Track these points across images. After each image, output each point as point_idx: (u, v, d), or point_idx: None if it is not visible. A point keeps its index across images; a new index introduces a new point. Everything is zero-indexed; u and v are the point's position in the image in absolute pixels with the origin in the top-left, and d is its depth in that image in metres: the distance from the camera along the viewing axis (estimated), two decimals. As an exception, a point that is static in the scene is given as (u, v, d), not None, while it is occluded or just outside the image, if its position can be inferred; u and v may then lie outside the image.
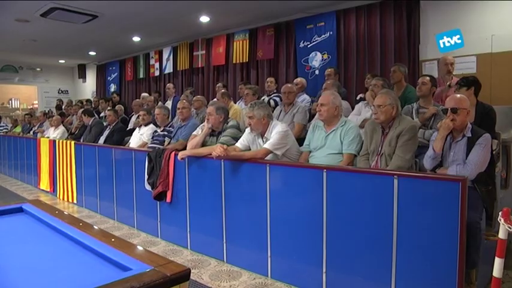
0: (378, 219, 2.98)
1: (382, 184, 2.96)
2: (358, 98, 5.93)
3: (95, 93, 13.55)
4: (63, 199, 7.38)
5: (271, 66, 8.28)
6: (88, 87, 14.39)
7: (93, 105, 10.25)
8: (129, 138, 6.49)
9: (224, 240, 4.17)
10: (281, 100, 5.75)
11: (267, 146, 3.87)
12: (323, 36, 7.39)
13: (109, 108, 7.88)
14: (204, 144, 4.60)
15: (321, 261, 3.32)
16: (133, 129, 6.78)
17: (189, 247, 4.61)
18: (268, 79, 6.79)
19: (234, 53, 8.77)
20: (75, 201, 7.05)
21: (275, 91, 6.56)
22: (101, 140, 6.81)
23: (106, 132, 6.86)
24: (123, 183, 5.72)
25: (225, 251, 4.18)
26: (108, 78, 13.08)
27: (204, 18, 8.04)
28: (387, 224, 2.91)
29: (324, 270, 3.31)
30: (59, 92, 14.92)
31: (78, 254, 1.92)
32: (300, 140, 4.48)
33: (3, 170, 10.73)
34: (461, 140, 3.29)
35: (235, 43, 8.72)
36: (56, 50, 11.86)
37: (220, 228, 4.17)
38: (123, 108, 8.78)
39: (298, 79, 6.50)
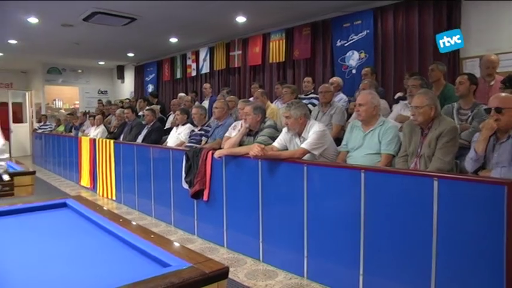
0: (417, 223, 2.91)
1: (421, 186, 2.89)
2: (396, 97, 5.83)
3: (133, 93, 13.82)
4: (103, 196, 7.57)
5: (308, 66, 8.24)
6: (126, 87, 14.69)
7: (130, 105, 10.44)
8: (167, 137, 6.60)
9: (260, 239, 4.17)
10: (319, 101, 5.71)
11: (304, 145, 3.84)
12: (360, 34, 7.29)
13: (147, 108, 8.02)
14: (241, 143, 4.62)
15: (358, 263, 3.28)
16: (170, 129, 6.88)
17: (225, 245, 4.64)
18: (305, 79, 6.75)
19: (270, 53, 8.76)
20: (114, 198, 7.21)
21: (312, 91, 6.52)
22: (139, 139, 6.93)
23: (144, 132, 6.98)
24: (160, 181, 5.82)
25: (261, 250, 4.18)
26: (146, 78, 13.31)
27: (241, 19, 8.07)
28: (427, 228, 2.83)
29: (361, 272, 3.26)
30: (98, 93, 15.32)
31: (118, 248, 1.96)
32: (338, 141, 4.44)
33: (48, 166, 11.14)
34: (507, 141, 3.14)
35: (271, 43, 8.72)
36: (97, 52, 12.21)
37: (257, 227, 4.18)
38: (160, 108, 8.92)
39: (334, 78, 6.44)
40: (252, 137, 4.63)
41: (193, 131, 5.92)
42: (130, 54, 12.56)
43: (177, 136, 6.17)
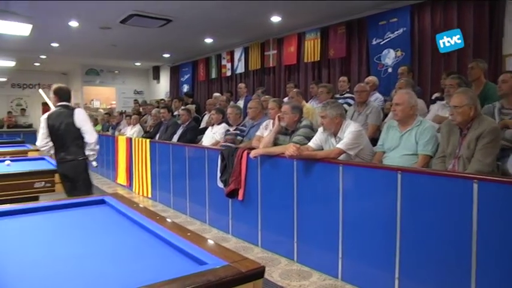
0: (455, 226, 2.84)
1: (460, 188, 2.81)
2: (433, 97, 5.70)
3: (168, 93, 14.02)
4: (139, 193, 7.71)
5: (343, 65, 8.16)
6: (162, 87, 14.92)
7: (166, 105, 10.60)
8: (202, 137, 6.66)
9: (295, 240, 4.16)
10: (354, 100, 5.65)
11: (340, 145, 3.81)
12: (396, 32, 7.15)
13: (182, 107, 8.12)
14: (276, 143, 4.62)
15: (393, 266, 3.22)
16: (205, 128, 6.94)
17: (259, 245, 4.65)
18: (340, 78, 6.68)
19: (305, 52, 8.73)
20: (149, 196, 7.33)
21: (347, 90, 6.45)
22: (175, 138, 7.03)
23: (179, 131, 7.07)
24: (196, 180, 5.88)
25: (295, 250, 4.17)
26: (181, 79, 13.48)
27: (275, 18, 8.06)
28: (466, 232, 2.75)
29: (397, 276, 3.21)
30: (134, 93, 15.64)
31: (155, 245, 1.98)
32: (374, 141, 4.38)
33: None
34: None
35: (306, 42, 8.68)
36: (133, 54, 12.48)
37: (292, 227, 4.17)
38: (195, 107, 9.02)
39: (370, 77, 6.34)
40: (288, 136, 4.62)
41: (228, 130, 5.96)
42: (166, 55, 12.75)
43: (212, 135, 6.22)
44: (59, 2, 6.84)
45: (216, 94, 9.26)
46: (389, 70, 7.27)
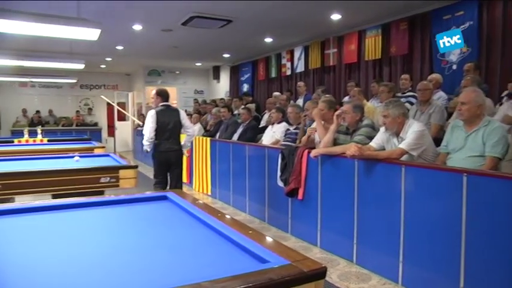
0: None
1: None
2: (503, 95, 5.44)
3: (228, 93, 14.21)
4: (198, 190, 7.89)
5: (405, 63, 7.92)
6: (222, 87, 15.14)
7: (226, 104, 10.76)
8: (262, 136, 6.71)
9: (354, 241, 4.12)
10: (417, 99, 5.49)
11: (402, 146, 3.73)
12: (462, 26, 6.78)
13: (243, 106, 8.21)
14: (337, 142, 4.58)
15: (458, 274, 3.11)
16: (265, 127, 6.99)
17: (318, 245, 4.64)
18: (402, 76, 6.50)
19: (366, 50, 8.56)
20: (209, 193, 7.49)
21: (410, 89, 6.28)
22: (235, 137, 7.13)
23: (239, 130, 7.16)
24: (255, 179, 5.94)
25: (354, 251, 4.13)
26: (241, 78, 13.61)
27: (336, 16, 7.97)
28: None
29: (462, 285, 3.09)
30: (195, 92, 15.96)
31: (217, 242, 2.02)
32: (437, 141, 4.24)
33: (147, 161, 11.78)
34: None
35: (367, 40, 8.52)
36: (194, 54, 12.75)
37: (351, 228, 4.13)
38: (255, 106, 9.10)
39: (433, 75, 6.12)
40: (349, 135, 4.57)
41: (288, 129, 5.97)
42: (226, 55, 12.92)
43: (272, 134, 6.26)
44: (125, 8, 7.15)
45: (276, 93, 9.28)
46: (454, 67, 6.97)
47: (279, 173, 5.14)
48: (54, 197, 4.47)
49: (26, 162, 5.59)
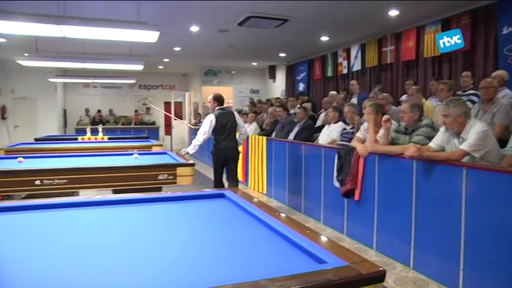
0: None
1: None
2: None
3: (284, 92, 14.22)
4: (254, 189, 7.95)
5: (466, 59, 7.57)
6: (277, 86, 15.16)
7: (282, 103, 10.77)
8: (318, 135, 6.68)
9: (412, 245, 4.01)
10: (479, 98, 5.28)
11: (463, 146, 3.59)
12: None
13: (298, 106, 8.20)
14: (396, 143, 4.49)
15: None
16: (321, 127, 6.95)
17: (374, 247, 4.56)
18: (463, 73, 6.21)
19: (425, 47, 8.28)
20: (264, 192, 7.53)
21: (471, 87, 6.03)
22: (291, 136, 7.13)
23: (296, 129, 7.15)
24: (311, 178, 5.92)
25: (412, 256, 4.02)
26: (297, 77, 13.58)
27: (393, 12, 7.77)
28: None
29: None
30: (251, 92, 16.08)
31: (274, 241, 2.02)
32: (501, 142, 4.04)
33: (203, 159, 12.05)
34: None
35: (426, 36, 8.23)
36: (250, 54, 12.86)
37: (409, 231, 4.03)
38: (311, 106, 9.05)
39: (497, 72, 5.82)
40: (408, 135, 4.45)
41: (345, 129, 5.91)
42: (282, 54, 12.93)
43: (329, 134, 6.21)
44: (183, 9, 7.33)
45: (332, 92, 9.20)
46: (523, 63, 6.61)
47: (335, 173, 5.11)
48: (115, 192, 4.67)
49: (88, 158, 5.89)
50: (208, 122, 5.94)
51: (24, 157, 5.62)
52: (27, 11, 5.04)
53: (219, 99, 6.20)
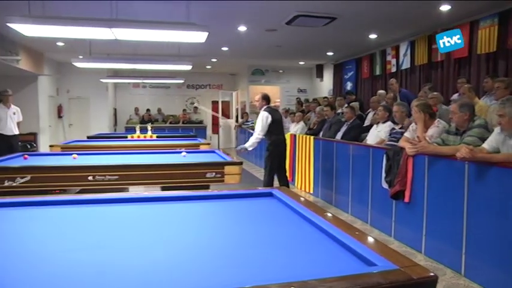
0: None
1: None
2: None
3: (332, 91, 14.09)
4: (300, 189, 7.93)
5: (526, 55, 7.23)
6: (325, 85, 15.04)
7: (329, 103, 10.68)
8: (366, 135, 6.58)
9: (463, 251, 3.86)
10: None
11: (521, 148, 3.44)
12: None
13: (346, 105, 8.11)
14: (447, 144, 4.35)
15: None
16: (369, 126, 6.85)
17: (423, 251, 4.44)
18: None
19: (478, 43, 7.92)
20: (311, 192, 7.50)
21: (531, 85, 5.76)
22: (338, 136, 7.06)
23: (343, 129, 7.08)
24: (359, 179, 5.85)
25: (463, 263, 3.87)
26: (345, 76, 13.40)
27: (445, 7, 7.49)
28: None
29: None
30: (298, 91, 16.03)
31: (322, 241, 2.00)
32: None
33: (250, 158, 12.14)
34: None
35: (480, 31, 7.86)
36: (297, 53, 12.82)
37: (460, 236, 3.88)
38: (359, 105, 8.94)
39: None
40: (459, 136, 4.30)
41: (393, 129, 5.80)
42: (330, 53, 12.81)
43: (377, 134, 6.11)
44: (231, 10, 7.40)
45: (381, 91, 9.02)
46: None
47: (383, 174, 5.01)
48: (163, 189, 4.78)
49: (138, 156, 6.06)
50: (265, 119, 6.24)
51: (78, 154, 5.86)
52: (83, 16, 5.26)
53: (267, 98, 6.48)
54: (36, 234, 2.17)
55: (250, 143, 6.27)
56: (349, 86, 13.00)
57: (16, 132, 8.91)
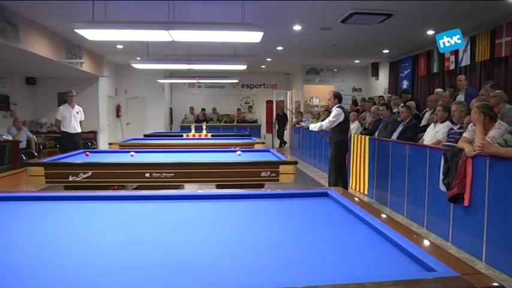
0: None
1: None
2: None
3: (387, 90, 13.78)
4: (355, 189, 7.82)
5: None
6: (380, 84, 14.75)
7: (385, 101, 10.46)
8: (422, 135, 6.40)
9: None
10: None
11: None
12: None
13: (402, 104, 7.92)
14: (509, 145, 4.14)
15: None
16: (426, 126, 6.66)
17: (483, 259, 4.22)
18: None
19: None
20: (365, 193, 7.39)
21: None
22: (394, 136, 6.90)
23: (399, 129, 6.92)
24: (415, 181, 5.68)
25: (530, 273, 3.66)
26: (401, 74, 13.07)
27: (513, -3, 7.12)
28: None
29: None
30: (352, 90, 15.81)
31: (379, 243, 1.95)
32: None
33: (304, 158, 12.10)
34: None
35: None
36: (352, 51, 12.65)
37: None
38: (415, 104, 8.69)
39: None
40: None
41: (452, 129, 5.60)
42: (385, 51, 12.55)
43: (434, 134, 5.92)
44: (286, 9, 7.40)
45: (438, 90, 8.73)
46: None
47: (441, 176, 4.85)
48: (218, 187, 4.85)
49: (193, 154, 6.18)
50: (338, 115, 6.46)
51: (135, 151, 6.05)
52: (142, 20, 5.44)
53: (339, 96, 6.65)
54: (96, 227, 2.29)
55: (316, 125, 6.67)
56: (405, 84, 12.66)
57: (79, 130, 9.31)
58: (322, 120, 7.60)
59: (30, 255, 1.83)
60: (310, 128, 6.77)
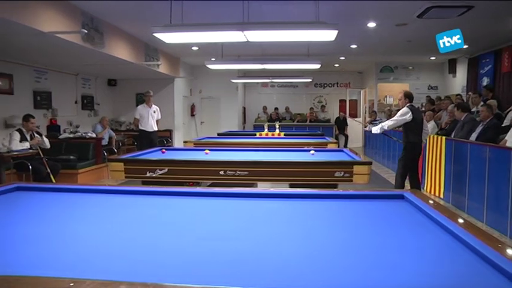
0: None
1: None
2: None
3: (465, 88, 13.16)
4: (430, 192, 7.56)
5: None
6: (458, 82, 14.11)
7: (464, 100, 10.02)
8: (504, 136, 6.09)
9: None
10: None
11: None
12: None
13: (482, 103, 7.55)
14: None
15: None
16: (509, 127, 6.32)
17: None
18: None
19: None
20: (441, 196, 7.12)
21: None
22: (473, 137, 6.61)
23: (479, 129, 6.61)
24: (496, 185, 5.40)
25: None
26: (481, 71, 12.41)
27: None
28: None
29: None
30: (428, 88, 15.30)
31: (460, 251, 1.87)
32: None
33: (377, 158, 11.88)
34: None
35: None
36: (428, 48, 12.13)
37: None
38: (496, 103, 8.24)
39: None
40: None
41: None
42: (464, 46, 11.96)
43: (517, 135, 5.62)
44: (361, 6, 7.30)
45: (524, 88, 8.25)
46: None
47: (526, 181, 4.60)
48: (291, 186, 4.89)
49: (266, 153, 6.27)
50: (404, 114, 6.16)
51: (209, 149, 6.23)
52: (217, 22, 5.59)
53: (409, 96, 6.43)
54: (173, 222, 2.41)
55: (377, 127, 6.38)
56: (485, 81, 12.01)
57: (155, 128, 9.71)
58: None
59: (111, 243, 2.00)
60: (372, 132, 6.49)
